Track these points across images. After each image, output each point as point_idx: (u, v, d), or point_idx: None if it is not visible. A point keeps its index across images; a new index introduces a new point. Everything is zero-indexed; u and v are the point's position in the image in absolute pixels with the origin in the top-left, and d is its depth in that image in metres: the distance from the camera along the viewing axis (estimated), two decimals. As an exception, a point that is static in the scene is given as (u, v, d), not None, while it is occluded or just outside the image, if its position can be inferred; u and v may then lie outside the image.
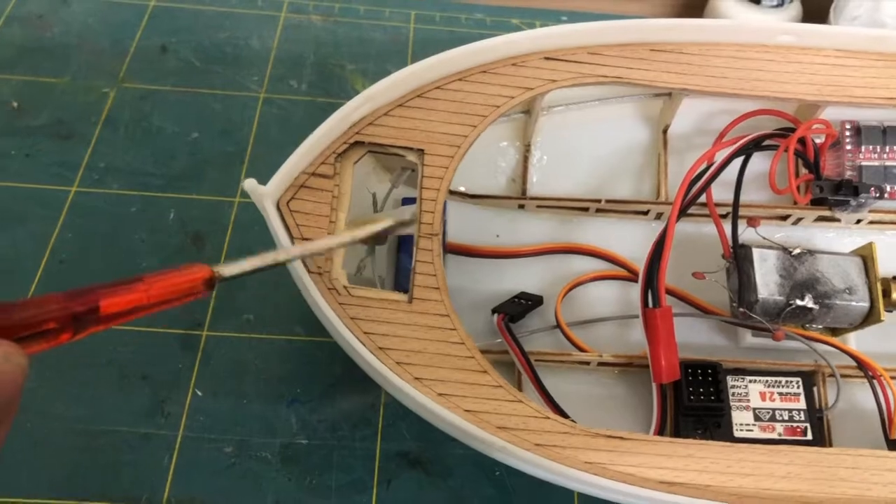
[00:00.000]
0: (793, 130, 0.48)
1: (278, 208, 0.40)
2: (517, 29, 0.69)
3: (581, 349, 0.47)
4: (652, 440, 0.40)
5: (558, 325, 0.48)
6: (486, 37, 0.69)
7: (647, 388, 0.46)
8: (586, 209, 0.51)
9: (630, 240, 0.51)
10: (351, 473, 0.44)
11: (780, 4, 0.68)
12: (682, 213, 0.45)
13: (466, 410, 0.39)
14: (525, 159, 0.52)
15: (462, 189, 0.50)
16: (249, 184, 0.37)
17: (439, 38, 0.67)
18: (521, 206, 0.51)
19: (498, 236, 0.51)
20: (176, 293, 0.28)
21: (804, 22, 0.76)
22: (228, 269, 0.31)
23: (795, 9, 0.69)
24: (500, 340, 0.47)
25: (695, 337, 0.49)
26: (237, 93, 0.60)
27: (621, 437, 0.39)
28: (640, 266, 0.49)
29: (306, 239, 0.40)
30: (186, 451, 0.44)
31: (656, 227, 0.52)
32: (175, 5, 0.66)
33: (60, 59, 0.61)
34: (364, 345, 0.39)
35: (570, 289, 0.50)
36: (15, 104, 0.58)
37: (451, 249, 0.49)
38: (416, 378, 0.39)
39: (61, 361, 0.46)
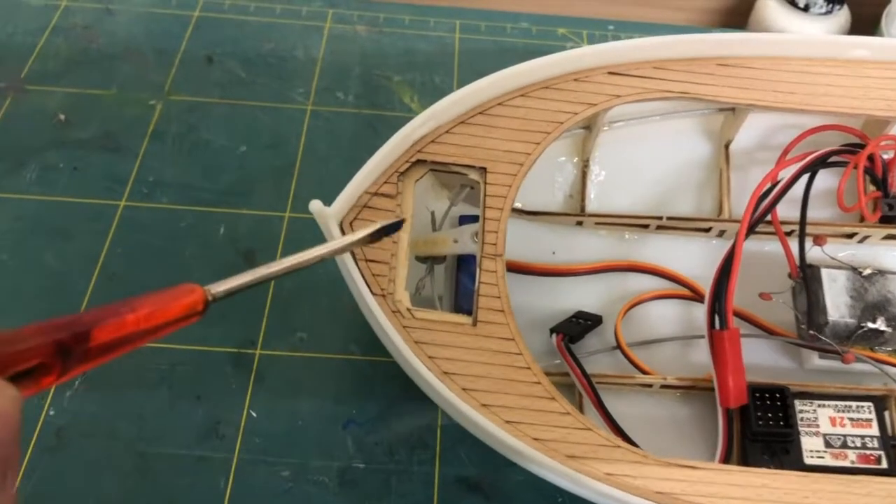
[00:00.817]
0: (860, 146, 0.47)
1: (342, 229, 0.39)
2: (564, 37, 0.68)
3: (642, 371, 0.46)
4: (725, 469, 0.39)
5: (618, 346, 0.47)
6: (531, 47, 0.69)
7: (711, 411, 0.45)
8: (646, 226, 0.50)
9: (691, 258, 0.50)
10: (410, 499, 0.43)
11: (829, 12, 0.67)
12: (750, 231, 0.44)
13: (535, 438, 0.37)
14: (583, 175, 0.51)
15: (518, 205, 0.49)
16: (315, 206, 0.36)
17: (485, 49, 0.66)
18: (579, 223, 0.50)
19: (554, 253, 0.50)
20: (169, 317, 0.25)
21: (852, 30, 0.75)
22: (220, 288, 0.29)
23: (844, 16, 0.67)
24: (558, 361, 0.46)
25: (758, 358, 0.48)
26: (284, 105, 0.60)
27: (693, 467, 0.38)
28: (702, 284, 0.48)
29: (370, 261, 0.39)
30: (242, 474, 0.43)
31: (718, 245, 0.50)
32: (219, 16, 0.65)
33: (106, 70, 0.61)
34: (429, 370, 0.38)
35: (630, 308, 0.48)
36: (62, 117, 0.57)
37: (507, 267, 0.48)
38: (483, 405, 0.38)
39: (112, 380, 0.46)
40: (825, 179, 0.48)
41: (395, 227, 0.39)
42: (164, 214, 0.53)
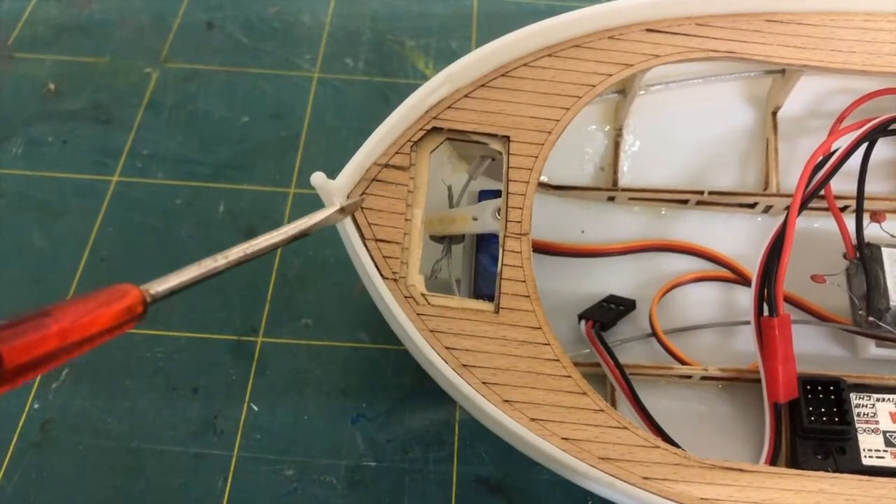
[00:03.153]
0: (925, 112, 0.42)
1: (348, 205, 0.35)
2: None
3: (681, 361, 0.42)
4: (777, 473, 0.34)
5: (654, 333, 0.43)
6: (557, 7, 0.65)
7: (756, 405, 0.41)
8: (685, 202, 0.45)
9: (734, 236, 0.46)
10: (425, 501, 0.40)
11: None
12: (803, 207, 0.39)
13: (564, 438, 0.33)
14: (616, 145, 0.46)
15: (544, 179, 0.45)
16: (317, 178, 0.32)
17: (506, 11, 0.62)
18: (611, 199, 0.46)
19: (583, 232, 0.46)
20: (100, 327, 0.21)
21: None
22: (160, 287, 0.24)
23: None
24: (588, 350, 0.42)
25: (808, 347, 0.44)
26: (289, 72, 0.56)
27: (741, 469, 0.34)
28: (746, 266, 0.44)
29: (380, 240, 0.35)
30: (242, 473, 0.40)
31: (763, 222, 0.46)
32: (220, -22, 0.61)
33: (99, 37, 0.57)
34: (446, 362, 0.34)
35: (667, 292, 0.45)
36: (52, 86, 0.54)
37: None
38: (506, 401, 0.34)
39: (104, 372, 0.42)
40: (885, 150, 0.44)
41: (356, 206, 0.34)
42: (160, 190, 0.49)
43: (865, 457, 0.39)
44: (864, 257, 0.41)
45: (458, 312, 0.35)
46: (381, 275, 0.34)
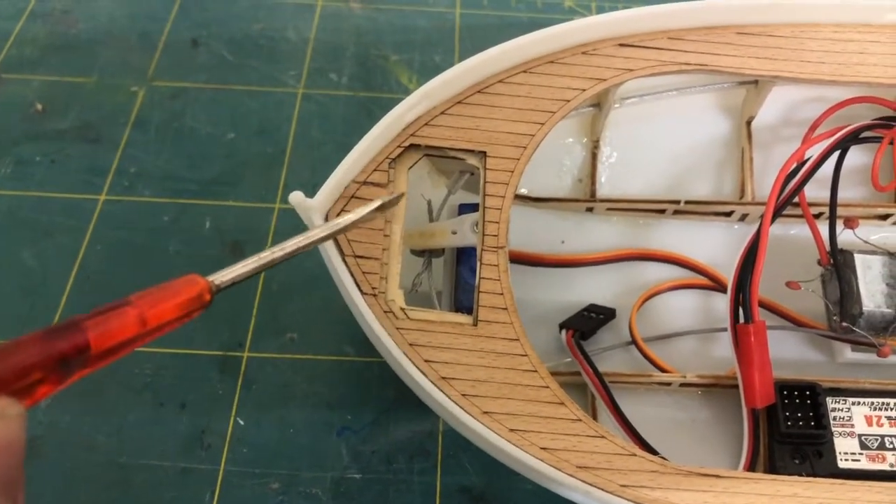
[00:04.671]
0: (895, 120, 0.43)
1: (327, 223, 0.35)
2: (571, 11, 0.64)
3: (660, 368, 0.43)
4: (752, 478, 0.35)
5: (634, 342, 0.43)
6: (537, 21, 0.65)
7: (735, 410, 0.41)
8: (662, 211, 0.46)
9: (711, 244, 0.46)
10: (409, 511, 0.40)
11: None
12: (777, 214, 0.40)
13: (542, 448, 0.34)
14: (593, 157, 0.47)
15: (524, 191, 0.46)
16: (295, 197, 0.33)
17: (488, 24, 0.62)
18: (590, 209, 0.46)
19: (563, 242, 0.47)
20: (174, 314, 0.23)
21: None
22: (225, 277, 0.26)
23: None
24: (569, 360, 0.43)
25: (785, 353, 0.44)
26: (274, 89, 0.56)
27: (717, 476, 0.35)
28: (723, 273, 0.45)
29: (359, 256, 0.35)
30: (229, 487, 0.40)
31: (740, 230, 0.47)
32: (205, -5, 0.62)
33: (86, 56, 0.57)
34: (425, 375, 0.34)
35: (646, 300, 0.45)
36: (39, 106, 0.54)
37: (511, 258, 0.44)
38: (485, 412, 0.34)
39: (93, 388, 0.43)
40: (857, 157, 0.44)
41: (396, 201, 0.35)
42: (147, 208, 0.50)
43: (841, 460, 0.40)
44: (838, 263, 0.42)
45: (437, 326, 0.35)
46: (361, 290, 0.35)
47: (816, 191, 0.42)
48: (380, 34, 0.61)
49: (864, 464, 0.40)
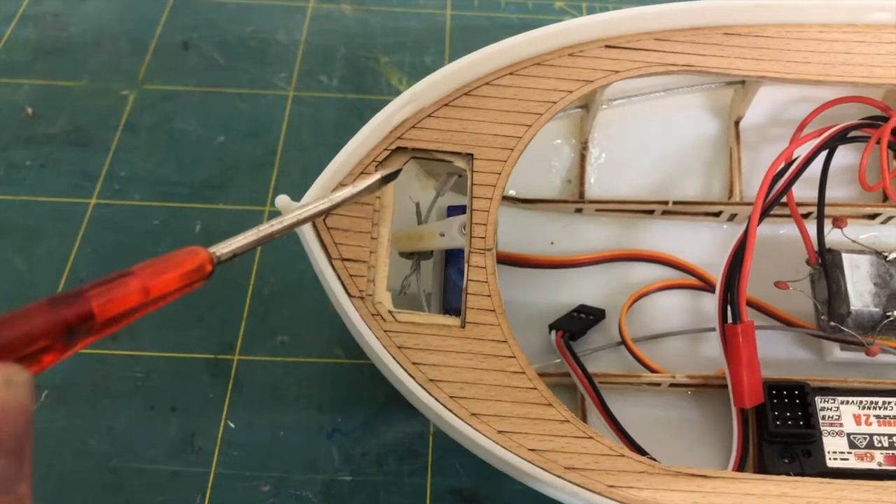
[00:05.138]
0: (883, 119, 0.43)
1: (314, 226, 0.35)
2: (561, 12, 0.64)
3: (650, 368, 0.43)
4: (739, 478, 0.35)
5: (623, 342, 0.44)
6: (528, 22, 0.65)
7: (724, 410, 0.41)
8: (651, 212, 0.46)
9: (700, 244, 0.47)
10: (400, 513, 0.40)
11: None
12: (764, 214, 0.40)
13: (530, 450, 0.34)
14: (582, 158, 0.47)
15: (512, 193, 0.46)
16: (281, 201, 0.33)
17: (479, 25, 0.62)
18: (579, 210, 0.47)
19: (553, 244, 0.47)
20: (176, 284, 0.23)
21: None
22: (225, 249, 0.26)
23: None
24: (559, 360, 0.43)
25: (774, 352, 0.44)
26: (265, 91, 0.56)
27: (705, 476, 0.35)
28: (713, 273, 0.45)
29: (346, 259, 0.36)
30: (220, 490, 0.40)
31: (728, 230, 0.47)
32: (196, -2, 0.62)
33: (77, 60, 0.57)
34: (413, 377, 0.34)
35: (635, 300, 0.45)
36: (29, 110, 0.54)
37: (500, 259, 0.45)
38: (473, 414, 0.34)
39: (83, 391, 0.43)
40: (845, 156, 0.44)
41: (395, 175, 0.36)
42: (137, 212, 0.50)
43: (830, 459, 0.40)
44: (826, 263, 0.42)
45: (425, 328, 0.35)
46: (348, 293, 0.35)
47: (804, 190, 0.42)
48: (370, 36, 0.61)
49: (853, 463, 0.40)
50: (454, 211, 0.43)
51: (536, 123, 0.39)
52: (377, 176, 0.34)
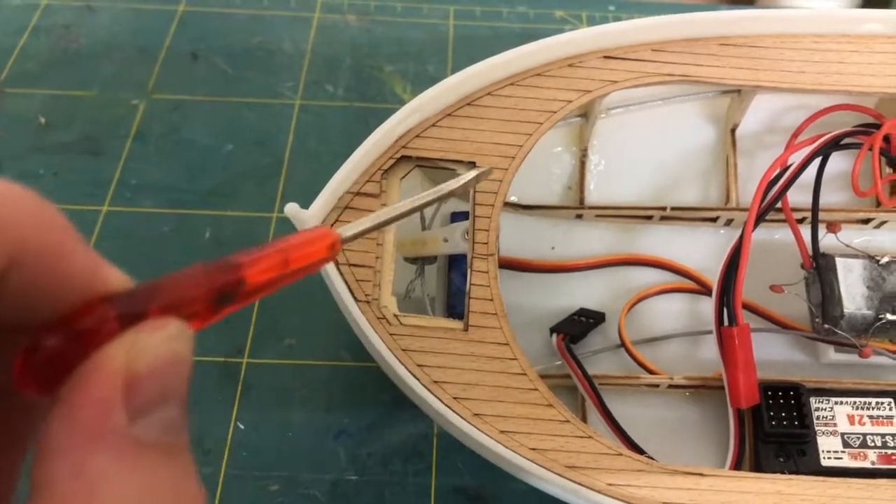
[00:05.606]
0: (875, 126, 0.44)
1: (322, 234, 0.36)
2: (563, 21, 0.65)
3: (649, 370, 0.44)
4: (735, 476, 0.36)
5: (623, 345, 0.45)
6: (529, 31, 0.67)
7: (722, 410, 0.42)
8: (649, 217, 0.47)
9: (697, 249, 0.47)
10: (405, 512, 0.41)
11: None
12: (760, 219, 0.41)
13: (532, 449, 0.35)
14: (582, 165, 0.48)
15: (514, 199, 0.47)
16: (291, 209, 0.34)
17: (481, 35, 0.64)
18: (579, 216, 0.48)
19: (553, 248, 0.48)
20: (311, 260, 0.24)
21: (864, 2, 0.72)
22: (350, 231, 0.27)
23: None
24: (559, 363, 0.44)
25: (770, 354, 0.45)
26: (272, 100, 0.58)
27: (701, 474, 0.36)
28: (710, 277, 0.46)
29: (353, 265, 0.37)
30: (230, 490, 0.41)
31: (725, 235, 0.48)
32: (204, 9, 0.63)
33: (87, 70, 0.59)
34: (418, 379, 0.36)
35: (634, 304, 0.46)
36: (42, 120, 0.55)
37: (502, 264, 0.46)
38: (476, 414, 0.36)
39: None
40: (838, 163, 0.45)
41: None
42: (148, 219, 0.51)
43: (824, 458, 0.41)
44: (820, 267, 0.43)
45: (429, 331, 0.37)
46: (355, 298, 0.36)
47: (799, 196, 0.43)
48: (375, 46, 0.62)
49: (847, 461, 0.41)
50: (457, 217, 0.44)
51: (537, 132, 0.40)
52: (475, 173, 0.34)
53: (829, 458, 0.41)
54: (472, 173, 0.35)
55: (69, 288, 0.17)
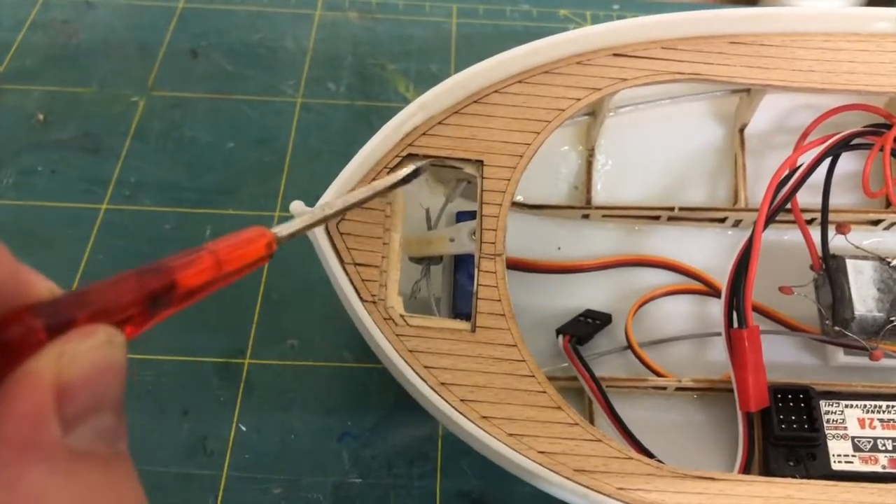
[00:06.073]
0: (886, 126, 0.43)
1: (327, 232, 0.36)
2: (566, 20, 0.64)
3: (656, 372, 0.43)
4: (746, 480, 0.36)
5: (630, 346, 0.44)
6: (533, 30, 0.66)
7: (730, 413, 0.42)
8: (657, 217, 0.47)
9: (705, 250, 0.47)
10: (410, 516, 0.41)
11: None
12: (769, 220, 0.41)
13: (540, 452, 0.35)
14: (589, 165, 0.48)
15: (520, 199, 0.46)
16: (296, 206, 0.33)
17: (484, 33, 0.63)
18: (585, 216, 0.47)
19: (560, 249, 0.47)
20: (245, 261, 0.24)
21: (873, 1, 0.71)
22: (285, 231, 0.27)
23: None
24: (565, 364, 0.43)
25: (779, 356, 0.45)
26: (273, 98, 0.57)
27: (711, 478, 0.35)
28: (718, 278, 0.46)
29: (359, 264, 0.36)
30: (232, 492, 0.41)
31: (733, 236, 0.47)
32: (204, 6, 0.62)
33: (86, 67, 0.58)
34: (425, 381, 0.35)
35: (641, 305, 0.46)
36: (41, 116, 0.55)
37: (508, 265, 0.45)
38: (484, 417, 0.35)
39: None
40: (848, 163, 0.45)
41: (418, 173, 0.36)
42: (148, 217, 0.50)
43: (835, 462, 0.40)
44: (830, 269, 0.43)
45: (436, 332, 0.36)
46: (361, 298, 0.36)
47: (808, 197, 0.43)
48: (377, 44, 0.61)
49: (857, 465, 0.40)
50: (463, 216, 0.43)
51: (545, 130, 0.39)
52: (411, 168, 0.35)
53: (839, 461, 0.40)
54: (411, 167, 0.34)
55: None
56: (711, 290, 0.46)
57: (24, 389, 0.16)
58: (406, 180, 0.34)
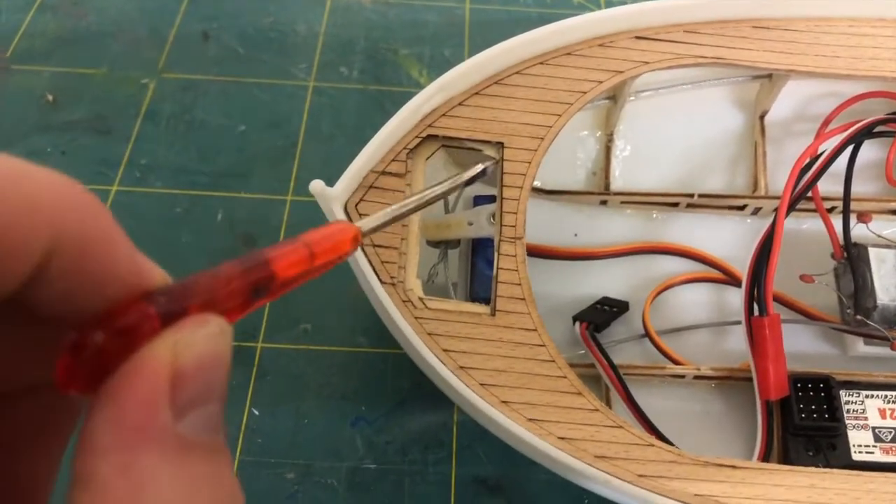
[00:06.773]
0: (909, 114, 0.43)
1: (346, 212, 0.35)
2: (580, 6, 0.64)
3: (673, 360, 0.43)
4: (769, 469, 0.35)
5: (647, 334, 0.43)
6: (547, 14, 0.65)
7: (748, 403, 0.41)
8: (676, 204, 0.46)
9: (724, 238, 0.46)
10: (424, 501, 0.40)
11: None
12: (791, 209, 0.40)
13: (560, 438, 0.34)
14: (607, 150, 0.47)
15: (537, 184, 0.46)
16: (316, 186, 0.33)
17: (497, 19, 0.62)
18: (603, 202, 0.46)
19: (577, 235, 0.47)
20: (334, 255, 0.24)
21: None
22: (369, 223, 0.28)
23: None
24: (583, 352, 0.43)
25: (798, 346, 0.44)
26: (285, 81, 0.56)
27: (733, 466, 0.35)
28: (736, 266, 0.45)
29: (378, 246, 0.36)
30: (244, 477, 0.40)
31: (752, 224, 0.47)
32: (215, -11, 0.62)
33: (97, 48, 0.57)
34: (444, 364, 0.34)
35: (659, 293, 0.45)
36: (50, 98, 0.54)
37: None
38: (503, 401, 0.34)
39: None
40: (871, 151, 0.44)
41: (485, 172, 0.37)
42: (159, 199, 0.50)
43: (855, 452, 0.40)
44: (852, 257, 0.42)
45: (455, 315, 0.35)
46: (380, 280, 0.35)
47: (830, 185, 0.42)
48: (390, 28, 0.61)
49: (878, 456, 0.40)
50: (481, 200, 0.43)
51: (567, 113, 0.39)
52: (484, 164, 0.37)
53: (860, 452, 0.40)
54: (479, 166, 0.36)
55: (110, 281, 0.17)
56: (730, 279, 0.45)
57: (140, 376, 0.16)
58: (473, 180, 0.35)
